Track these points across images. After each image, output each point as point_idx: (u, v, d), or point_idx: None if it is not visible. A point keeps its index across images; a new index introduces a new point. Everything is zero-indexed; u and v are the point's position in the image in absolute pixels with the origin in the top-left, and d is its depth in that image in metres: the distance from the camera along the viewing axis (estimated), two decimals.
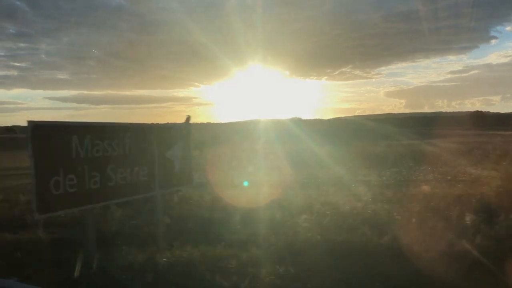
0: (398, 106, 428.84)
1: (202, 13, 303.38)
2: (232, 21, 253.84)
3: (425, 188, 10.90)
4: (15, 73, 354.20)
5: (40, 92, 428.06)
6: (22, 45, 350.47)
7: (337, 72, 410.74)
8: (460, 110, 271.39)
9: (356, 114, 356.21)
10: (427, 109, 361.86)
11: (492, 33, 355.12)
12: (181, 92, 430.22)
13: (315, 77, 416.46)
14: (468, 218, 6.93)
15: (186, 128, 7.63)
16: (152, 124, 7.18)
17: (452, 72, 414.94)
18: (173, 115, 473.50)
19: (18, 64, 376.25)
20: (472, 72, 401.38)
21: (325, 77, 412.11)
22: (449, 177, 13.96)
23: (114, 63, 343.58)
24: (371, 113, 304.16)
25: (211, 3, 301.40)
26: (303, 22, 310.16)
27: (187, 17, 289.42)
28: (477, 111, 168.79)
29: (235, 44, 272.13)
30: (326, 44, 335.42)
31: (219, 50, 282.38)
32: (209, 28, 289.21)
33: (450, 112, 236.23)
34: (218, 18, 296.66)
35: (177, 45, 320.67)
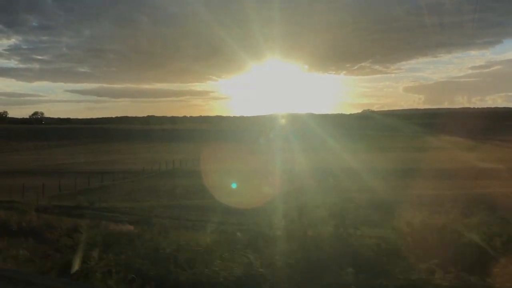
0: (417, 102, 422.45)
1: (221, 7, 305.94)
2: (251, 14, 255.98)
3: None
4: (36, 66, 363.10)
5: (61, 85, 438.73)
6: (44, 38, 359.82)
7: (356, 67, 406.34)
8: (481, 106, 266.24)
9: (374, 109, 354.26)
10: (446, 105, 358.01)
11: None
12: (198, 86, 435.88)
13: (334, 72, 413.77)
14: None
15: None
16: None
17: (473, 68, 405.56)
18: (190, 109, 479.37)
19: (39, 57, 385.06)
20: (494, 68, 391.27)
21: (344, 72, 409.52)
22: None
23: (134, 56, 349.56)
24: (389, 108, 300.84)
25: None
26: (324, 15, 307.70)
27: (206, 10, 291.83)
28: None
29: (254, 38, 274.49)
30: (347, 38, 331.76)
31: (237, 44, 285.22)
32: (227, 22, 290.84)
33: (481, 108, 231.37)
34: (237, 11, 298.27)
35: (196, 39, 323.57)
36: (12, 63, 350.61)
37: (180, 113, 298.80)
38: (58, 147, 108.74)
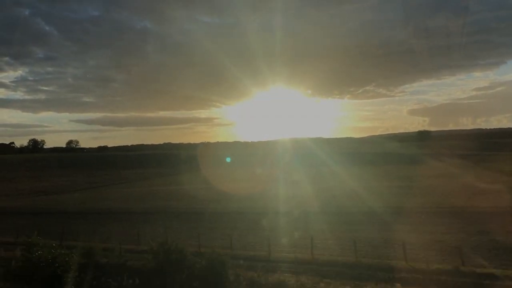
0: (422, 124, 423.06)
1: (224, 35, 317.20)
2: (254, 41, 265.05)
3: None
4: (42, 96, 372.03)
5: (66, 115, 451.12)
6: (49, 69, 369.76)
7: (360, 91, 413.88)
8: (485, 127, 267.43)
9: (378, 133, 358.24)
10: (451, 127, 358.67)
11: None
12: (202, 113, 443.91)
13: (338, 96, 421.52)
14: None
15: None
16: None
17: (477, 89, 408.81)
18: (195, 136, 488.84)
19: (45, 88, 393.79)
20: (498, 89, 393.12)
21: (348, 96, 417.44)
22: None
23: (138, 85, 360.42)
24: (393, 131, 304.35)
25: (232, 25, 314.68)
26: (327, 40, 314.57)
27: (209, 38, 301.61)
28: None
29: (257, 65, 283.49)
30: (350, 63, 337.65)
31: (241, 71, 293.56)
32: (231, 49, 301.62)
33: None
34: (240, 39, 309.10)
35: (200, 67, 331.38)
36: (18, 94, 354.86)
37: (184, 140, 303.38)
38: (141, 177, 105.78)
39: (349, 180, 63.92)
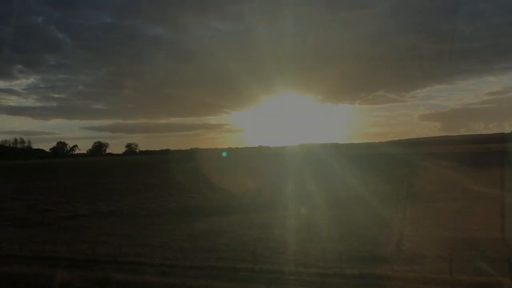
0: (433, 130, 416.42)
1: (235, 41, 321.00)
2: (265, 47, 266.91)
3: None
4: (53, 104, 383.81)
5: (76, 122, 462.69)
6: (61, 76, 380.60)
7: (370, 96, 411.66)
8: (498, 132, 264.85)
9: (389, 139, 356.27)
10: (463, 132, 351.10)
11: None
12: (212, 119, 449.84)
13: (349, 102, 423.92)
14: None
15: None
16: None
17: (490, 94, 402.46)
18: (205, 142, 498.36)
19: (57, 95, 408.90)
20: (511, 93, 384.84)
21: (359, 101, 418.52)
22: None
23: (149, 92, 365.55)
24: (404, 137, 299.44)
25: (244, 31, 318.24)
26: (339, 46, 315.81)
27: (221, 45, 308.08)
28: None
29: (268, 71, 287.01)
30: (361, 68, 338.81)
31: (252, 77, 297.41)
32: (242, 55, 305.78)
33: None
34: (251, 45, 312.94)
35: (211, 73, 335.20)
36: (30, 101, 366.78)
37: (196, 146, 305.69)
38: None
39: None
